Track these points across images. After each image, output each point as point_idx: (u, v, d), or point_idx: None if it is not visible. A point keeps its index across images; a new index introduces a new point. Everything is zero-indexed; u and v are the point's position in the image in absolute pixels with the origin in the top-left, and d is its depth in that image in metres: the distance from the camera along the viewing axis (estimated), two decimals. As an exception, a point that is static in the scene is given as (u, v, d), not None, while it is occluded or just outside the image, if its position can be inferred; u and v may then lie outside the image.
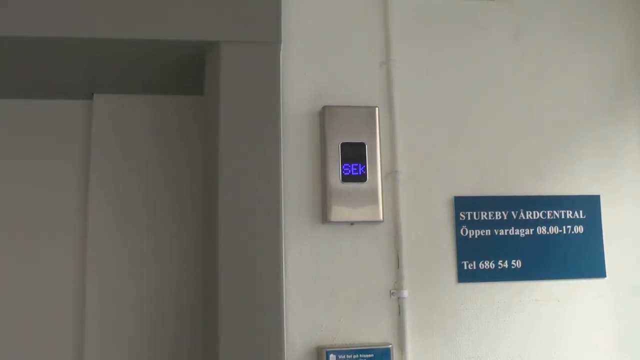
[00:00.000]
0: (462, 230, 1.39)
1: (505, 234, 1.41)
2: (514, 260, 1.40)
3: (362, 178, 1.34)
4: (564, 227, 1.43)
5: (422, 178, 1.40)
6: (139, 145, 1.63)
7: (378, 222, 1.34)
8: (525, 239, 1.41)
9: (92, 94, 1.64)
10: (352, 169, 1.34)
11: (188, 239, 1.59)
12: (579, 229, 1.44)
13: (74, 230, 1.60)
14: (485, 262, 1.39)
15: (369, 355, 1.29)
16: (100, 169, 1.60)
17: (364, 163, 1.34)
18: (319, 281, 1.33)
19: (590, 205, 1.45)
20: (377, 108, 1.39)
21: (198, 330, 1.50)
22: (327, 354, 1.28)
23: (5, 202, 1.60)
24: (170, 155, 1.62)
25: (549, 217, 1.43)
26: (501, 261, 1.40)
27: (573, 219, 1.44)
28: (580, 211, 1.44)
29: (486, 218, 1.41)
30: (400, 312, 1.34)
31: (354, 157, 1.34)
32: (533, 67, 1.49)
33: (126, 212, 1.60)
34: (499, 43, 1.49)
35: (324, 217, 1.33)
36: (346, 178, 1.33)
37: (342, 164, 1.34)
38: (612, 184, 1.48)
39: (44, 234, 1.60)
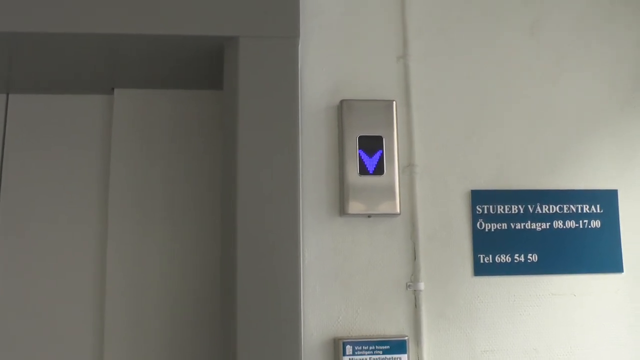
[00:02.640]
0: (478, 224, 1.40)
1: (522, 227, 1.41)
2: (530, 254, 1.40)
3: (379, 171, 1.35)
4: (581, 221, 1.43)
5: (439, 171, 1.41)
6: (160, 139, 1.64)
7: (395, 214, 1.35)
8: (541, 233, 1.42)
9: (113, 88, 1.66)
10: (370, 161, 1.35)
11: (208, 232, 1.60)
12: (596, 224, 1.44)
13: (94, 227, 1.62)
14: (502, 256, 1.39)
15: (385, 347, 1.30)
16: (120, 164, 1.62)
17: (381, 155, 1.35)
18: (336, 273, 1.34)
19: (607, 199, 1.45)
20: (394, 102, 1.40)
21: (216, 322, 1.52)
22: (344, 345, 1.29)
23: (24, 198, 1.62)
24: (191, 150, 1.64)
25: (565, 211, 1.43)
26: (517, 255, 1.40)
27: (590, 213, 1.44)
28: (598, 205, 1.44)
29: (503, 212, 1.41)
30: (416, 305, 1.35)
31: (372, 150, 1.35)
32: (550, 59, 1.50)
33: (147, 207, 1.61)
34: (516, 35, 1.50)
35: (341, 209, 1.35)
36: (363, 171, 1.34)
37: (359, 156, 1.35)
38: (630, 178, 1.48)
39: (63, 231, 1.61)
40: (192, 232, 1.60)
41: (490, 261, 1.39)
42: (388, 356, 1.29)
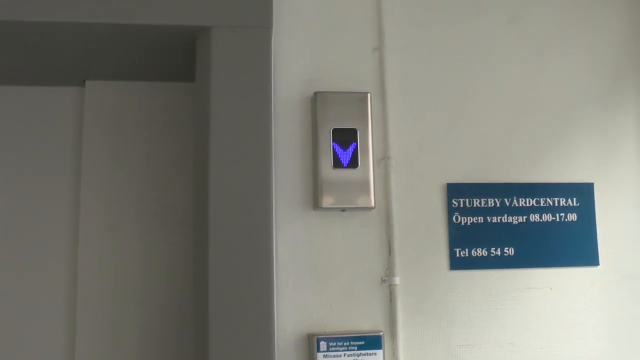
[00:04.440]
0: (454, 217, 1.38)
1: (498, 221, 1.40)
2: (507, 248, 1.39)
3: (353, 164, 1.33)
4: (558, 214, 1.42)
5: (415, 164, 1.39)
6: (132, 132, 1.61)
7: (370, 208, 1.33)
8: (518, 227, 1.40)
9: (84, 80, 1.62)
10: (344, 154, 1.33)
11: (181, 227, 1.58)
12: (572, 217, 1.43)
13: (65, 222, 1.58)
14: (478, 250, 1.38)
15: (360, 342, 1.28)
16: (92, 157, 1.59)
17: (355, 148, 1.33)
18: (310, 267, 1.32)
19: (584, 193, 1.44)
20: (369, 94, 1.37)
21: (189, 317, 1.50)
22: (318, 340, 1.27)
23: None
24: (163, 142, 1.61)
25: (542, 204, 1.42)
26: (494, 248, 1.39)
27: (567, 206, 1.43)
28: (574, 199, 1.44)
29: (479, 205, 1.40)
30: (391, 299, 1.33)
31: (346, 142, 1.33)
32: (529, 53, 1.48)
33: (119, 202, 1.59)
34: (495, 29, 1.48)
35: (315, 203, 1.32)
36: (337, 164, 1.32)
37: (333, 149, 1.33)
38: (606, 172, 1.47)
39: (32, 229, 1.57)
40: (164, 226, 1.58)
41: (467, 255, 1.38)
42: (363, 352, 1.28)
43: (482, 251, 1.38)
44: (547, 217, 1.42)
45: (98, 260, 1.55)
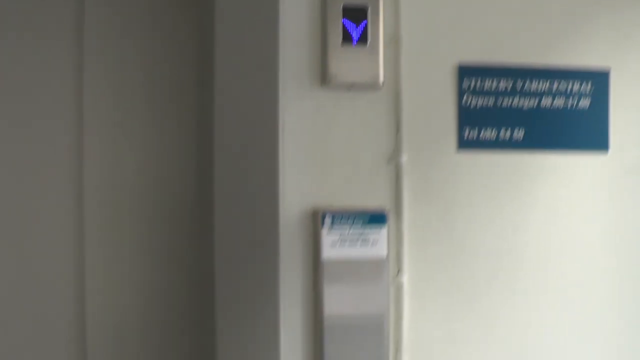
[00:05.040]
0: (465, 98, 1.36)
1: (509, 103, 1.38)
2: (517, 131, 1.38)
3: (363, 42, 1.30)
4: (570, 99, 1.40)
5: (426, 44, 1.36)
6: (137, 35, 1.56)
7: (378, 86, 1.31)
8: (529, 110, 1.38)
9: None
10: (353, 31, 1.30)
11: (187, 114, 1.55)
12: (585, 103, 1.40)
13: (68, 121, 1.56)
14: (487, 131, 1.37)
15: (365, 218, 1.29)
16: (94, 58, 1.54)
17: (365, 26, 1.30)
18: (317, 144, 1.31)
19: (599, 79, 1.41)
20: (381, -31, 1.33)
21: (193, 196, 1.50)
22: (323, 216, 1.28)
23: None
24: (168, 37, 1.57)
25: (555, 88, 1.39)
26: (503, 130, 1.37)
27: (580, 91, 1.40)
28: (589, 84, 1.40)
29: (490, 87, 1.37)
30: (397, 178, 1.33)
31: (356, 20, 1.30)
32: None
33: (124, 99, 1.56)
34: None
35: (322, 79, 1.30)
36: (346, 41, 1.29)
37: (343, 26, 1.30)
38: (623, 59, 1.43)
39: (34, 129, 1.56)
40: (170, 112, 1.56)
41: (475, 137, 1.36)
42: (368, 227, 1.29)
43: (491, 133, 1.37)
44: (559, 102, 1.39)
45: (102, 160, 1.54)
